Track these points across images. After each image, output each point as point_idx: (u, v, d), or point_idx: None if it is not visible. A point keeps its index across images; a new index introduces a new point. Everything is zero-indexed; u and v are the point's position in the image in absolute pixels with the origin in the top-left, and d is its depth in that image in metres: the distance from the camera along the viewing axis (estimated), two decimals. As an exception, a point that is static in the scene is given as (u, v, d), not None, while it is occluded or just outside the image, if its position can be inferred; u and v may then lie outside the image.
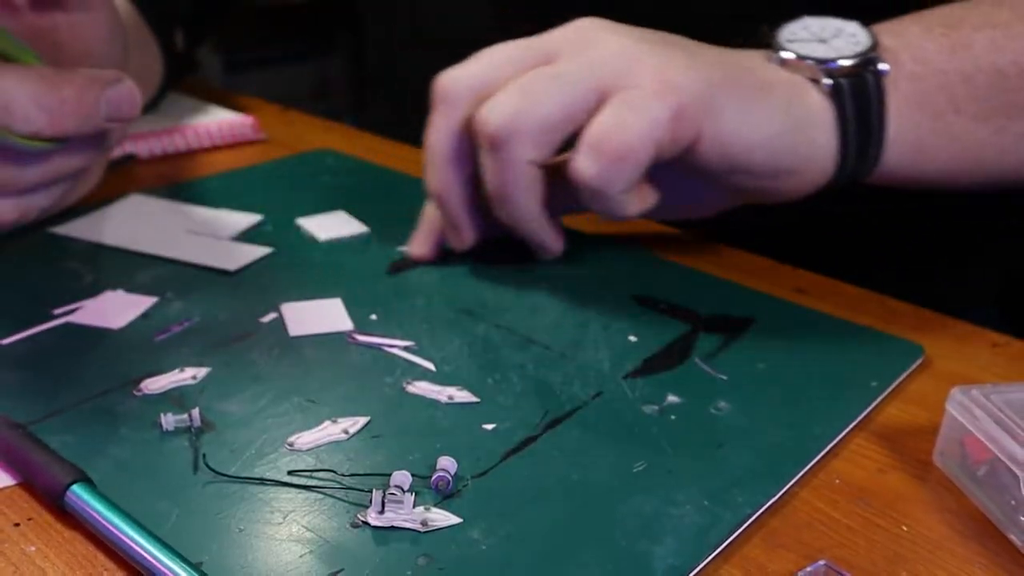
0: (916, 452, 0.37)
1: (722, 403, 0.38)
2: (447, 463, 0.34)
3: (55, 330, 0.42)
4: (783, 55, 0.45)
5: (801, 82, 0.44)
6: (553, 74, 0.42)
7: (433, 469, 0.33)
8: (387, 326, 0.43)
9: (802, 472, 0.35)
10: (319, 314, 0.44)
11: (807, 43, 0.45)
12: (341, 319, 0.44)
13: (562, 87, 0.42)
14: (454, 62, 0.46)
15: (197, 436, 0.35)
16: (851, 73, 0.44)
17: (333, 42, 1.97)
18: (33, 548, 0.30)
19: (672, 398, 0.39)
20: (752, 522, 0.33)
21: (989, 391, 0.35)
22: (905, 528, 0.33)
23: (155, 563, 0.29)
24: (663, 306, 0.46)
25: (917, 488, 0.35)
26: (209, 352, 0.41)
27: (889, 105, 0.44)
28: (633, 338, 0.43)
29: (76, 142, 0.43)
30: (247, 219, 0.54)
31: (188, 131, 0.65)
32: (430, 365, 0.40)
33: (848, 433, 0.38)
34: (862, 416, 0.39)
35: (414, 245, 0.50)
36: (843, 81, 0.44)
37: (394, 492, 0.31)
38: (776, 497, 0.34)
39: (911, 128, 0.45)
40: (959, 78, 0.44)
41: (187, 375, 0.39)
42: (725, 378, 0.40)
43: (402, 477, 0.33)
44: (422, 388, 0.39)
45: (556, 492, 0.33)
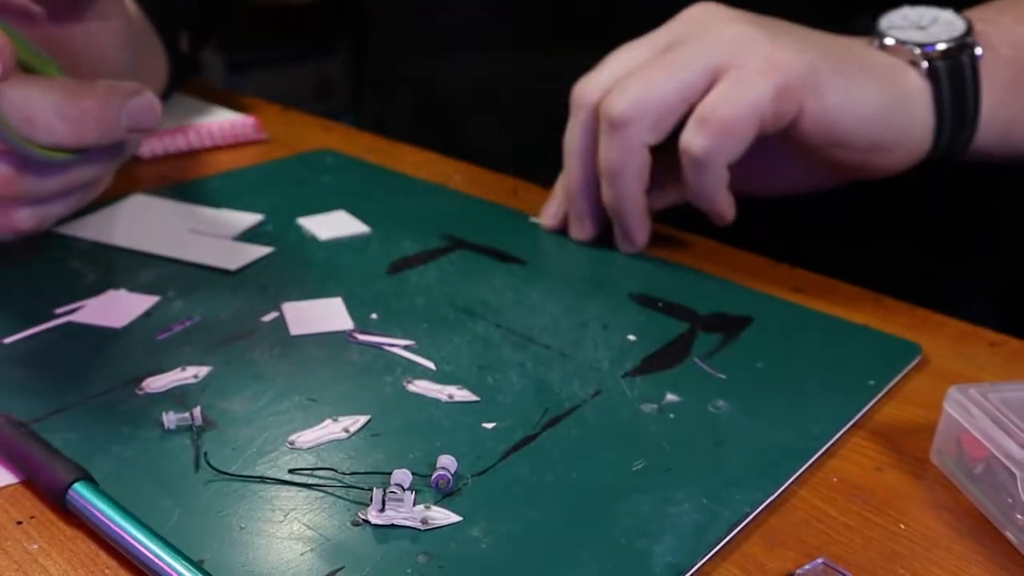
0: (913, 450, 0.37)
1: (720, 402, 0.39)
2: (447, 461, 0.34)
3: (57, 329, 0.42)
4: (885, 41, 0.48)
5: (901, 64, 0.47)
6: (670, 60, 0.46)
7: (433, 467, 0.34)
8: (387, 325, 0.43)
9: (800, 471, 0.35)
10: (320, 313, 0.44)
11: (906, 30, 0.48)
12: (342, 318, 0.44)
13: (678, 71, 0.46)
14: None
15: (198, 434, 0.35)
16: (948, 56, 0.46)
17: (334, 43, 1.97)
18: (35, 546, 0.30)
19: (671, 397, 0.39)
20: (750, 520, 0.33)
21: (986, 390, 0.35)
22: (902, 526, 0.33)
23: (157, 561, 0.29)
24: (662, 305, 0.46)
25: (914, 486, 0.35)
26: (210, 351, 0.41)
27: (983, 87, 0.47)
28: (632, 337, 0.43)
29: (95, 152, 0.43)
30: (248, 219, 0.54)
31: (190, 131, 0.66)
32: (430, 364, 0.41)
33: (846, 432, 0.38)
34: (860, 415, 0.39)
35: (546, 216, 0.54)
36: (940, 63, 0.46)
37: (394, 490, 0.32)
38: (774, 495, 0.34)
39: (1004, 108, 0.47)
40: None
41: (189, 374, 0.39)
42: (724, 377, 0.40)
43: (402, 475, 0.33)
44: (422, 387, 0.39)
45: (555, 490, 0.33)
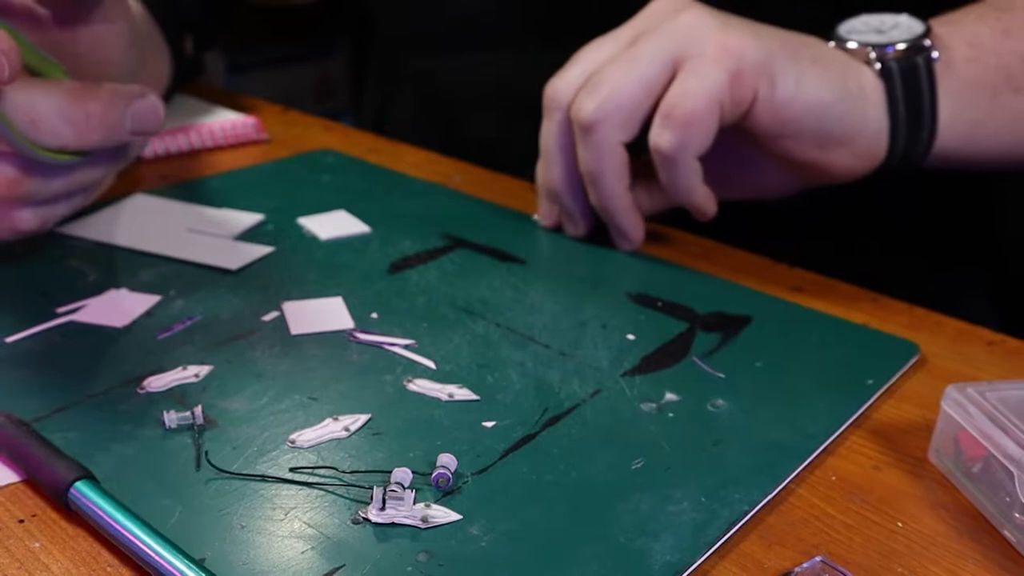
0: (911, 449, 0.37)
1: (719, 401, 0.39)
2: (447, 460, 0.34)
3: (59, 328, 0.42)
4: (844, 45, 0.48)
5: (855, 62, 0.47)
6: (630, 57, 0.47)
7: (433, 466, 0.34)
8: (388, 325, 0.44)
9: (798, 469, 0.35)
10: (320, 313, 0.44)
11: (864, 34, 0.48)
12: (342, 317, 0.44)
13: (639, 67, 0.46)
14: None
15: (199, 433, 0.36)
16: (902, 57, 0.47)
17: (334, 43, 1.97)
18: (38, 544, 0.31)
19: (670, 396, 0.39)
20: (749, 519, 0.33)
21: (984, 388, 0.36)
22: (900, 524, 0.33)
23: (158, 559, 0.29)
24: (661, 305, 0.46)
25: (912, 485, 0.36)
26: (211, 350, 0.41)
27: (941, 88, 0.47)
28: (631, 336, 0.43)
29: (99, 154, 0.44)
30: (249, 218, 0.54)
31: (192, 131, 0.66)
32: (430, 363, 0.41)
33: (844, 430, 0.38)
34: (858, 414, 0.39)
35: (540, 216, 0.54)
36: (893, 63, 0.46)
37: (395, 489, 0.32)
38: (773, 494, 0.34)
39: (968, 109, 0.47)
40: (1016, 58, 0.47)
41: (190, 373, 0.39)
42: (722, 376, 0.41)
43: (403, 474, 0.33)
44: (422, 386, 0.39)
45: (555, 489, 0.34)
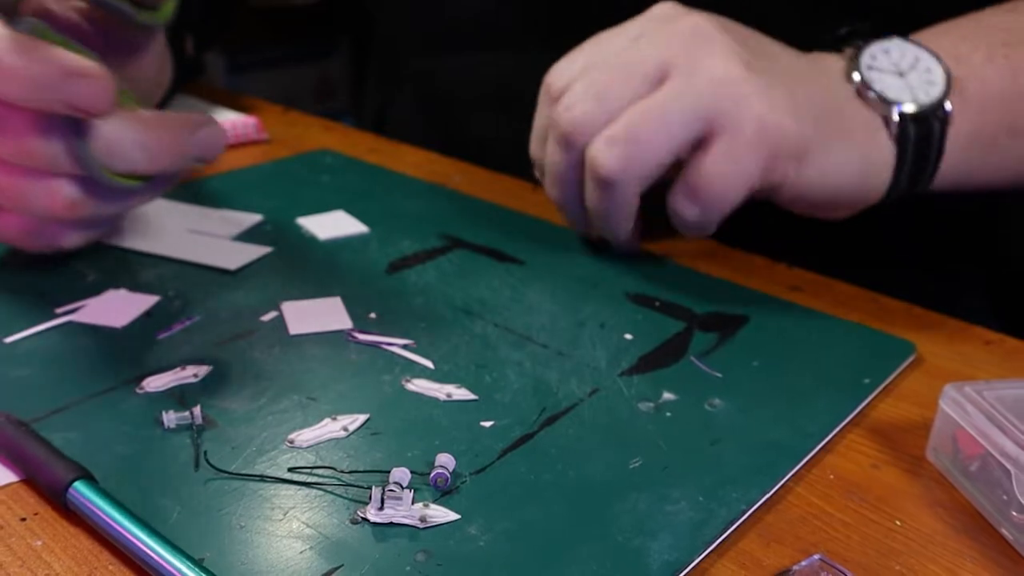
0: (909, 448, 0.37)
1: (717, 400, 0.39)
2: (445, 460, 0.34)
3: (58, 328, 0.42)
4: (865, 92, 0.46)
5: (876, 122, 0.46)
6: (661, 111, 0.44)
7: (432, 466, 0.34)
8: (386, 325, 0.44)
9: (796, 468, 0.36)
10: (319, 313, 0.44)
11: (885, 74, 0.46)
12: (341, 318, 0.44)
13: (670, 127, 0.44)
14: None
15: (198, 433, 0.36)
16: (920, 119, 0.45)
17: (334, 44, 1.97)
18: (39, 542, 0.31)
19: (668, 395, 0.39)
20: (747, 517, 0.33)
21: (982, 387, 0.36)
22: (898, 522, 0.34)
23: (157, 559, 0.29)
24: (659, 304, 0.46)
25: (910, 483, 0.36)
26: (210, 350, 0.41)
27: (947, 146, 0.46)
28: (629, 336, 0.43)
29: (158, 179, 0.45)
30: (248, 219, 0.54)
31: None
32: (428, 363, 0.41)
33: (842, 429, 0.38)
34: (855, 412, 0.39)
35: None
36: (911, 128, 0.45)
37: (393, 489, 0.32)
38: (771, 493, 0.34)
39: (964, 160, 0.47)
40: (1018, 100, 0.47)
41: (188, 373, 0.39)
42: (720, 375, 0.41)
43: (401, 474, 0.33)
44: (421, 386, 0.39)
45: (553, 488, 0.34)
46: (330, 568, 0.30)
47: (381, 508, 0.32)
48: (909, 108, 0.45)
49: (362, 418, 0.37)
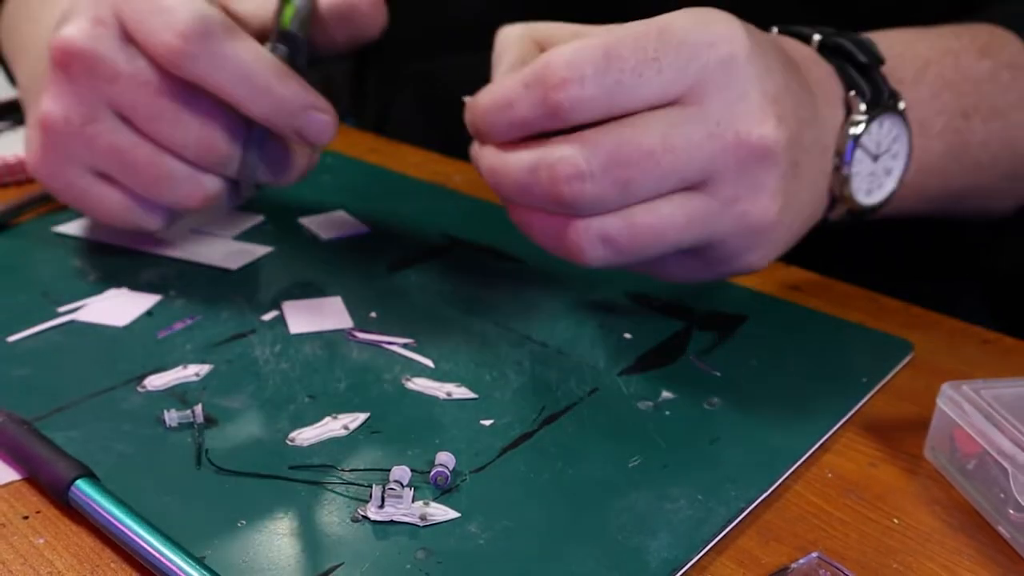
0: (907, 446, 0.38)
1: (715, 399, 0.39)
2: (445, 458, 0.34)
3: (60, 328, 0.42)
4: (846, 178, 0.42)
5: (838, 197, 0.43)
6: (677, 235, 0.38)
7: (432, 464, 0.34)
8: (386, 324, 0.44)
9: (794, 466, 0.36)
10: (319, 312, 0.44)
11: (866, 158, 0.42)
12: (341, 317, 0.44)
13: (674, 246, 0.38)
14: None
15: (199, 432, 0.36)
16: (856, 211, 0.43)
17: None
18: (42, 540, 0.31)
19: (666, 394, 0.39)
20: (745, 515, 0.33)
21: (979, 386, 0.36)
22: (896, 520, 0.34)
23: (159, 557, 0.29)
24: (657, 304, 0.46)
25: (908, 481, 0.36)
26: (211, 349, 0.41)
27: (894, 199, 0.45)
28: (628, 335, 0.44)
29: (250, 155, 0.44)
30: (249, 219, 0.54)
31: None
32: (429, 362, 0.41)
33: (840, 428, 0.38)
34: (853, 411, 0.39)
35: None
36: (868, 211, 0.44)
37: (393, 487, 0.32)
38: (769, 491, 0.34)
39: (904, 207, 0.46)
40: (955, 177, 0.48)
41: (190, 372, 0.39)
42: (718, 374, 0.41)
43: (401, 472, 0.33)
44: (421, 385, 0.39)
45: (552, 487, 0.34)
46: (330, 566, 0.30)
47: (381, 506, 0.32)
48: (859, 198, 0.43)
49: (362, 417, 0.37)
